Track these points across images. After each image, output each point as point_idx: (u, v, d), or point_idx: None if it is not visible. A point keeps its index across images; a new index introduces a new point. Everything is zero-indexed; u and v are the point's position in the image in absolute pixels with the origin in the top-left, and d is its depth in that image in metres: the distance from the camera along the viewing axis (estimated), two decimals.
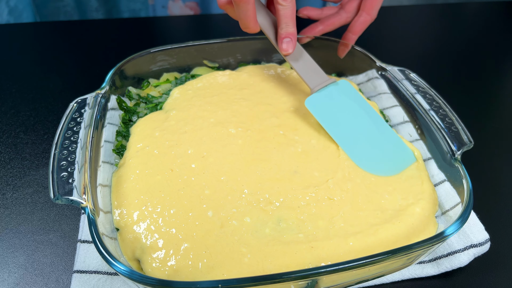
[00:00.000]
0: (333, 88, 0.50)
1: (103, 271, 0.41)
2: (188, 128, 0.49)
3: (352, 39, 0.61)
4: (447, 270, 0.42)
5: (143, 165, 0.45)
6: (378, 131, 0.49)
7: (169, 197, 0.42)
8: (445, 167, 0.47)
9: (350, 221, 0.41)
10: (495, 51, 0.81)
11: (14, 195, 0.50)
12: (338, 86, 0.51)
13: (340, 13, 0.61)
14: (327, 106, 0.49)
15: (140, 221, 0.40)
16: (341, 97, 0.50)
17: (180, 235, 0.39)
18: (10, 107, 0.63)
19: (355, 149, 0.48)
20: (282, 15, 0.47)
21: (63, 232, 0.46)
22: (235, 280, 0.33)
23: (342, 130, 0.49)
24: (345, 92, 0.51)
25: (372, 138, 0.49)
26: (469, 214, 0.39)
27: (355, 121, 0.50)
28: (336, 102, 0.50)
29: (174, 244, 0.38)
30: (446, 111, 0.49)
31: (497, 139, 0.60)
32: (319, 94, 0.50)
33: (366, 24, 0.60)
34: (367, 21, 0.60)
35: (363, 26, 0.60)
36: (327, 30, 0.62)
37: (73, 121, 0.45)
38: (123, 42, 0.79)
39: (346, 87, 0.51)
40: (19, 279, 0.42)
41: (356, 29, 0.60)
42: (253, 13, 0.46)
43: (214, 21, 0.86)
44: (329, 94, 0.50)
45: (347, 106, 0.50)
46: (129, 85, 0.58)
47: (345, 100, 0.50)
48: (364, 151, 0.48)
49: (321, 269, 0.34)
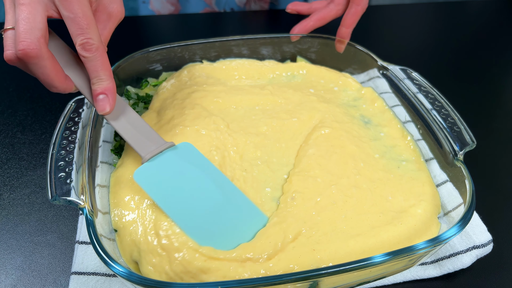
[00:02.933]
0: (170, 154, 0.43)
1: (101, 273, 0.41)
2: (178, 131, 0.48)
3: (346, 33, 0.60)
4: (449, 271, 0.42)
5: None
6: (223, 197, 0.42)
7: None
8: (447, 168, 0.47)
9: (352, 224, 0.41)
10: (498, 50, 0.81)
11: (11, 196, 0.49)
12: (177, 150, 0.43)
13: (330, 6, 0.60)
14: (161, 177, 0.41)
15: (137, 222, 0.40)
16: (180, 163, 0.43)
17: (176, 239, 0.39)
18: (7, 106, 0.62)
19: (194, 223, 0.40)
20: (90, 69, 0.38)
21: (61, 233, 0.45)
22: (235, 282, 0.33)
23: (179, 203, 0.41)
24: (184, 156, 0.43)
25: (215, 207, 0.41)
26: (472, 215, 0.39)
27: (195, 190, 0.42)
28: (173, 171, 0.42)
29: (170, 247, 0.38)
30: (449, 111, 0.49)
31: (500, 139, 0.60)
32: (151, 164, 0.42)
33: (358, 15, 0.59)
34: (358, 12, 0.58)
35: (355, 18, 0.59)
36: (318, 25, 0.61)
37: (71, 120, 0.45)
38: (121, 42, 0.78)
39: (186, 150, 0.44)
40: (17, 280, 0.41)
41: (348, 21, 0.59)
42: (53, 69, 0.37)
43: (213, 21, 0.86)
44: (165, 161, 0.42)
45: (186, 173, 0.43)
46: (127, 85, 0.57)
47: (185, 166, 0.43)
48: (205, 224, 0.40)
49: (322, 271, 0.33)
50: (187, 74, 0.59)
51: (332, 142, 0.48)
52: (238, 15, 0.87)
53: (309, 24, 0.60)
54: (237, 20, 0.86)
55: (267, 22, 0.86)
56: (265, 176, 0.45)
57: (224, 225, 0.40)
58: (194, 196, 0.42)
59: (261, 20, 0.86)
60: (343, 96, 0.58)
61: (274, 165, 0.47)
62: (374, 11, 0.90)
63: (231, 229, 0.40)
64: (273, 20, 0.86)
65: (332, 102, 0.55)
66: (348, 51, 0.62)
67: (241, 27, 0.84)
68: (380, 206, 0.43)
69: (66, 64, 0.41)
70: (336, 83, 0.59)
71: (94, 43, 0.37)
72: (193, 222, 0.40)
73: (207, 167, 0.44)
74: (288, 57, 0.65)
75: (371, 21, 0.87)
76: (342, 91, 0.58)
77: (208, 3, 0.86)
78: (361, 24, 0.63)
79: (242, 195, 0.43)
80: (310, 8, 0.62)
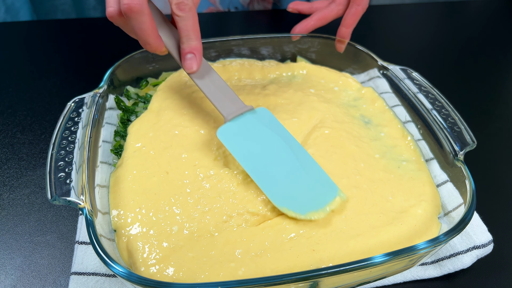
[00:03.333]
0: (249, 117, 0.45)
1: (101, 273, 0.41)
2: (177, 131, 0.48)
3: (346, 33, 0.60)
4: (449, 271, 0.42)
5: (140, 165, 0.45)
6: (298, 163, 0.43)
7: (163, 200, 0.42)
8: (447, 168, 0.47)
9: (352, 224, 0.41)
10: (499, 50, 0.81)
11: (11, 196, 0.49)
12: (256, 114, 0.45)
13: (331, 6, 0.60)
14: (242, 137, 0.44)
15: (135, 223, 0.40)
16: (259, 127, 0.44)
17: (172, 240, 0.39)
18: (6, 106, 0.62)
19: (272, 184, 0.42)
20: (181, 28, 0.41)
21: (60, 233, 0.45)
22: (235, 282, 0.33)
23: (259, 163, 0.43)
24: (263, 121, 0.45)
25: (291, 171, 0.43)
26: (472, 215, 0.38)
27: (273, 153, 0.44)
28: (252, 133, 0.44)
29: (167, 248, 0.38)
30: (449, 111, 0.48)
31: (500, 139, 0.60)
32: (233, 124, 0.44)
33: (358, 15, 0.59)
34: (358, 12, 0.58)
35: (355, 18, 0.59)
36: (319, 25, 0.61)
37: (71, 120, 0.45)
38: (121, 41, 0.78)
39: (265, 115, 0.45)
40: (16, 281, 0.41)
41: (348, 21, 0.59)
42: (150, 26, 0.40)
43: (214, 20, 0.86)
44: (245, 123, 0.44)
45: (265, 136, 0.44)
46: (127, 84, 0.57)
47: (263, 130, 0.44)
48: (281, 186, 0.42)
49: (322, 271, 0.33)
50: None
51: (332, 142, 0.48)
52: (241, 15, 0.87)
53: (309, 23, 0.60)
54: (239, 20, 0.86)
55: (270, 22, 0.86)
56: None
57: (298, 190, 0.42)
58: (272, 158, 0.43)
59: (264, 20, 0.86)
60: (344, 96, 0.58)
61: None
62: (374, 11, 0.90)
63: (304, 195, 0.42)
64: (276, 20, 0.86)
65: (333, 102, 0.55)
66: (348, 51, 0.62)
67: (244, 27, 0.84)
68: (381, 206, 0.43)
69: (158, 24, 0.44)
70: (337, 83, 0.59)
71: (188, 3, 0.40)
72: (271, 182, 0.42)
73: (284, 133, 0.45)
74: (288, 57, 0.65)
75: (371, 21, 0.87)
76: (342, 91, 0.58)
77: (212, 2, 0.85)
78: (362, 24, 0.62)
79: (315, 164, 0.44)
80: (311, 7, 0.62)
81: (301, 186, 0.42)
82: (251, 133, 0.44)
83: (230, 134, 0.43)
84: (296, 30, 0.62)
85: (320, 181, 0.43)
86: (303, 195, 0.42)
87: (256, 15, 0.87)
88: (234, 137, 0.43)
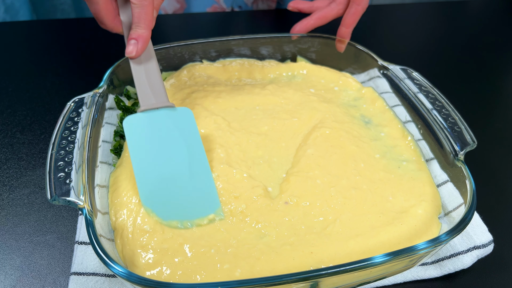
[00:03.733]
0: (164, 114, 0.43)
1: (101, 273, 0.41)
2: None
3: (346, 33, 0.60)
4: (450, 272, 0.42)
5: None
6: (187, 171, 0.42)
7: None
8: (448, 168, 0.46)
9: (349, 225, 0.41)
10: (499, 49, 0.81)
11: (11, 196, 0.49)
12: (173, 113, 0.44)
13: (331, 5, 0.60)
14: (146, 131, 0.42)
15: (133, 223, 0.40)
16: (168, 126, 0.43)
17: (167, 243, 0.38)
18: (6, 106, 0.62)
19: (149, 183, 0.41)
20: (134, 15, 0.43)
21: (60, 234, 0.45)
22: (235, 282, 0.33)
23: (148, 160, 0.42)
24: (177, 121, 0.43)
25: (175, 177, 0.42)
26: (472, 215, 0.38)
27: (167, 155, 0.42)
28: (158, 130, 0.43)
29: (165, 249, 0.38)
30: (449, 111, 0.48)
31: (501, 139, 0.60)
32: (143, 115, 0.43)
33: (358, 15, 0.59)
34: (358, 12, 0.58)
35: (355, 17, 0.59)
36: (319, 24, 0.61)
37: (71, 120, 0.45)
38: (121, 41, 0.78)
39: (183, 117, 0.44)
40: (16, 281, 0.41)
41: (348, 21, 0.59)
42: (105, 12, 0.44)
43: (214, 19, 0.86)
44: (156, 119, 0.43)
45: (168, 137, 0.43)
46: (127, 84, 0.57)
47: (171, 130, 0.43)
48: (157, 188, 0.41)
49: (322, 271, 0.33)
50: (187, 74, 0.58)
51: (331, 143, 0.48)
52: (244, 14, 0.87)
53: (309, 22, 0.60)
54: (242, 19, 0.86)
55: (273, 22, 0.86)
56: (267, 175, 0.45)
57: (173, 196, 0.41)
58: (163, 159, 0.42)
59: (268, 19, 0.86)
60: (344, 96, 0.58)
61: (275, 164, 0.47)
62: (374, 11, 0.89)
63: (177, 203, 0.41)
64: (278, 20, 0.86)
65: (333, 102, 0.55)
66: (348, 50, 0.61)
67: (247, 26, 0.84)
68: (381, 206, 0.43)
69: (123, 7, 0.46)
70: (337, 83, 0.59)
71: None
72: (149, 182, 0.41)
73: (192, 139, 0.44)
74: (288, 57, 0.65)
75: (371, 21, 0.87)
76: (342, 91, 0.58)
77: (216, 0, 0.85)
78: (362, 23, 0.62)
79: (209, 177, 0.43)
80: (311, 6, 0.62)
81: (178, 194, 0.41)
82: (157, 130, 0.43)
83: (135, 125, 0.42)
84: (296, 29, 0.62)
85: (203, 194, 0.42)
86: (176, 202, 0.41)
87: (260, 15, 0.87)
88: (137, 129, 0.42)
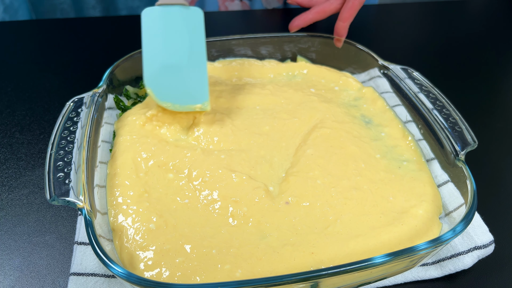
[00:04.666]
0: (178, 10, 0.49)
1: (100, 274, 0.40)
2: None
3: (343, 27, 0.60)
4: (450, 272, 0.42)
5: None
6: (188, 62, 0.48)
7: (159, 200, 0.41)
8: (448, 168, 0.46)
9: (350, 226, 0.41)
10: (500, 49, 0.81)
11: (10, 196, 0.49)
12: (186, 10, 0.49)
13: (330, 0, 0.60)
14: (159, 23, 0.48)
15: (131, 223, 0.39)
16: (179, 21, 0.49)
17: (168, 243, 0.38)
18: (5, 106, 0.62)
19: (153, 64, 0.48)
20: None
21: (59, 234, 0.45)
22: (236, 283, 0.33)
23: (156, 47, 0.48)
24: (187, 18, 0.49)
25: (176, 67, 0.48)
26: (473, 215, 0.38)
27: (173, 47, 0.48)
28: (170, 24, 0.48)
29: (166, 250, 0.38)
30: (450, 111, 0.48)
31: (501, 139, 0.59)
32: (160, 9, 0.48)
33: (355, 9, 0.59)
34: (355, 6, 0.58)
35: (352, 12, 0.59)
36: (318, 18, 0.61)
37: (70, 120, 0.45)
38: (120, 40, 0.78)
39: (193, 15, 0.49)
40: (15, 281, 0.41)
41: (345, 15, 0.59)
42: None
43: (214, 19, 0.86)
44: (170, 14, 0.49)
45: (177, 31, 0.49)
46: (126, 84, 0.57)
47: (180, 25, 0.49)
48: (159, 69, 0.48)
49: (322, 272, 0.33)
50: None
51: (331, 143, 0.48)
52: (248, 14, 0.87)
53: (308, 17, 0.61)
54: (243, 19, 0.86)
55: (275, 21, 0.85)
56: (268, 175, 0.45)
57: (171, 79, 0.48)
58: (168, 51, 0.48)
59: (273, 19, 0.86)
60: (344, 96, 0.57)
61: (276, 164, 0.47)
62: (374, 10, 0.89)
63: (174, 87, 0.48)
64: (279, 20, 0.86)
65: (333, 102, 0.55)
66: (348, 50, 0.61)
67: (251, 26, 0.84)
68: (381, 206, 0.43)
69: None
70: (337, 82, 0.59)
71: None
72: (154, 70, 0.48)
73: (196, 36, 0.49)
74: (288, 57, 0.65)
75: (371, 21, 0.86)
76: (342, 90, 0.58)
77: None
78: (362, 23, 0.63)
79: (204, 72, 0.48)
80: (310, 1, 0.62)
81: (175, 81, 0.48)
82: (168, 23, 0.48)
83: (151, 16, 0.48)
84: (294, 23, 0.62)
85: (195, 85, 0.48)
86: (172, 87, 0.47)
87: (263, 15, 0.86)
88: (152, 20, 0.48)
